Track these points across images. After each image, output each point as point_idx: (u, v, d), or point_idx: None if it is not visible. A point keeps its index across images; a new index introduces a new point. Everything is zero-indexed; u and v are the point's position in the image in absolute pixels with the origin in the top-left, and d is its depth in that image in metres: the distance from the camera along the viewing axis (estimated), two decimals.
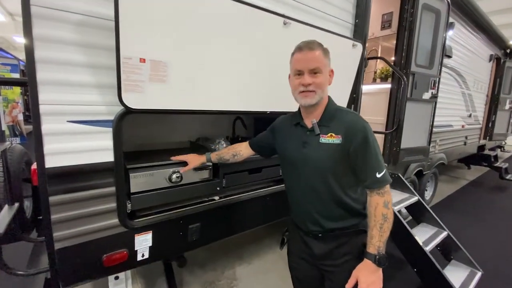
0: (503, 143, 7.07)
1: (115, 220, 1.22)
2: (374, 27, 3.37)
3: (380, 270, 0.97)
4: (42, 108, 0.98)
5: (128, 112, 1.12)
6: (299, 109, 1.14)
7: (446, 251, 2.36)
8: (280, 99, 1.63)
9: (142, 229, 1.30)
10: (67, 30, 0.98)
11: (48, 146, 1.01)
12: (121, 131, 1.16)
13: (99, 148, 1.13)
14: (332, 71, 1.06)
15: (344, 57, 1.83)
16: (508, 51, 5.21)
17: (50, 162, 1.02)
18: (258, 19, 1.33)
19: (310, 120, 1.05)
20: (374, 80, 3.45)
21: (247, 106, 1.52)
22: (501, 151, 7.06)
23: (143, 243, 1.32)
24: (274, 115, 1.65)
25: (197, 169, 1.47)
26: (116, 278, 1.52)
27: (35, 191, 2.02)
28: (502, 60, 4.97)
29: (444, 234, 2.32)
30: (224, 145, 1.72)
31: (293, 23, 1.44)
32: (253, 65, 1.43)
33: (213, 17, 1.19)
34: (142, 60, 1.05)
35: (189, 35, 1.15)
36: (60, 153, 1.04)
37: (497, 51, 4.89)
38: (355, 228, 1.07)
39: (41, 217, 1.19)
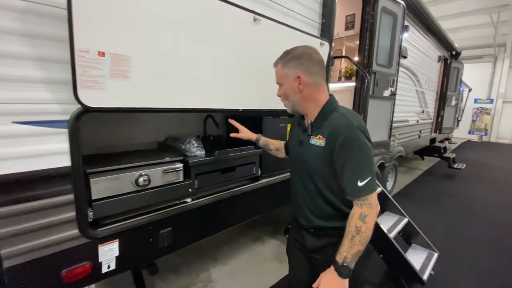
0: (450, 135, 7.91)
1: (74, 231, 1.10)
2: (338, 28, 3.51)
3: (344, 281, 0.92)
4: None
5: (86, 111, 1.02)
6: None
7: (407, 236, 2.56)
8: (251, 96, 1.62)
9: (107, 238, 1.20)
10: (8, 19, 0.86)
11: None
12: (79, 132, 1.05)
13: (53, 152, 1.01)
14: (298, 77, 1.00)
15: None
16: (453, 53, 5.82)
17: None
18: (228, 13, 1.30)
19: (308, 121, 1.08)
20: (339, 79, 3.59)
21: (217, 104, 1.48)
22: (448, 143, 7.88)
23: (109, 253, 1.22)
24: (246, 113, 1.64)
25: (166, 171, 1.40)
26: None
27: None
28: (448, 61, 5.53)
29: (405, 221, 2.52)
30: (195, 145, 1.66)
31: (263, 20, 1.43)
32: (223, 61, 1.39)
33: (181, 9, 1.13)
34: (101, 54, 0.96)
35: (155, 27, 1.08)
36: (4, 159, 0.91)
37: (444, 52, 5.43)
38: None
39: None
